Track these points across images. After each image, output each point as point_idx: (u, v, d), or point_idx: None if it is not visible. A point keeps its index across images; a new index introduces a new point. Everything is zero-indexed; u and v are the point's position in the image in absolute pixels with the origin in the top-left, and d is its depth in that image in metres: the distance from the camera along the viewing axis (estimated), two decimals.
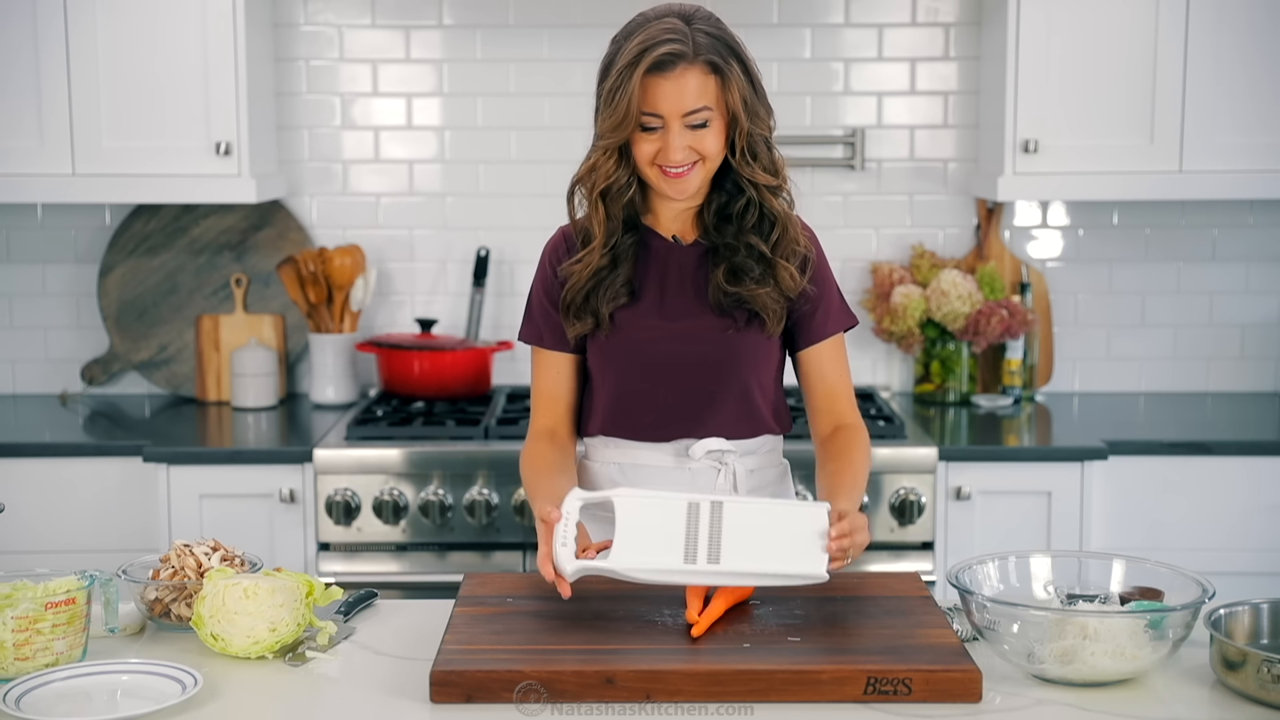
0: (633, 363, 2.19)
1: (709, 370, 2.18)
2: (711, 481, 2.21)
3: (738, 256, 2.14)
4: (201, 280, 3.81)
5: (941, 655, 1.80)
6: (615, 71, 2.05)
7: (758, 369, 2.21)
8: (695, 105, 2.04)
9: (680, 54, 2.03)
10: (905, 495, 3.19)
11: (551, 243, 2.27)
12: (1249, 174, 3.45)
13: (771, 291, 2.15)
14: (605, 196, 2.14)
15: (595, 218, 2.14)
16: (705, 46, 2.04)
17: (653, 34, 2.04)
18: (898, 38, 3.78)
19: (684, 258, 2.19)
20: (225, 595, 1.90)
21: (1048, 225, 3.85)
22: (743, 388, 2.20)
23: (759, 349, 2.20)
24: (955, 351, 3.72)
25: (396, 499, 3.18)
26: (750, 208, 2.14)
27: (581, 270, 2.15)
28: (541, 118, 3.79)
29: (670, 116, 2.04)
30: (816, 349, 2.24)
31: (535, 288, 2.27)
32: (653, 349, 2.18)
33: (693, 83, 2.03)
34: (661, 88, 2.03)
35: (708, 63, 2.04)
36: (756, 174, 2.11)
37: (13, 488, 3.22)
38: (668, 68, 2.03)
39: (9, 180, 3.43)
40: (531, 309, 2.28)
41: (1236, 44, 3.41)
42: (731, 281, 2.15)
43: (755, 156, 2.11)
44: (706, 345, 2.18)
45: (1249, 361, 3.87)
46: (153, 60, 3.41)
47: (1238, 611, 1.90)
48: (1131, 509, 3.29)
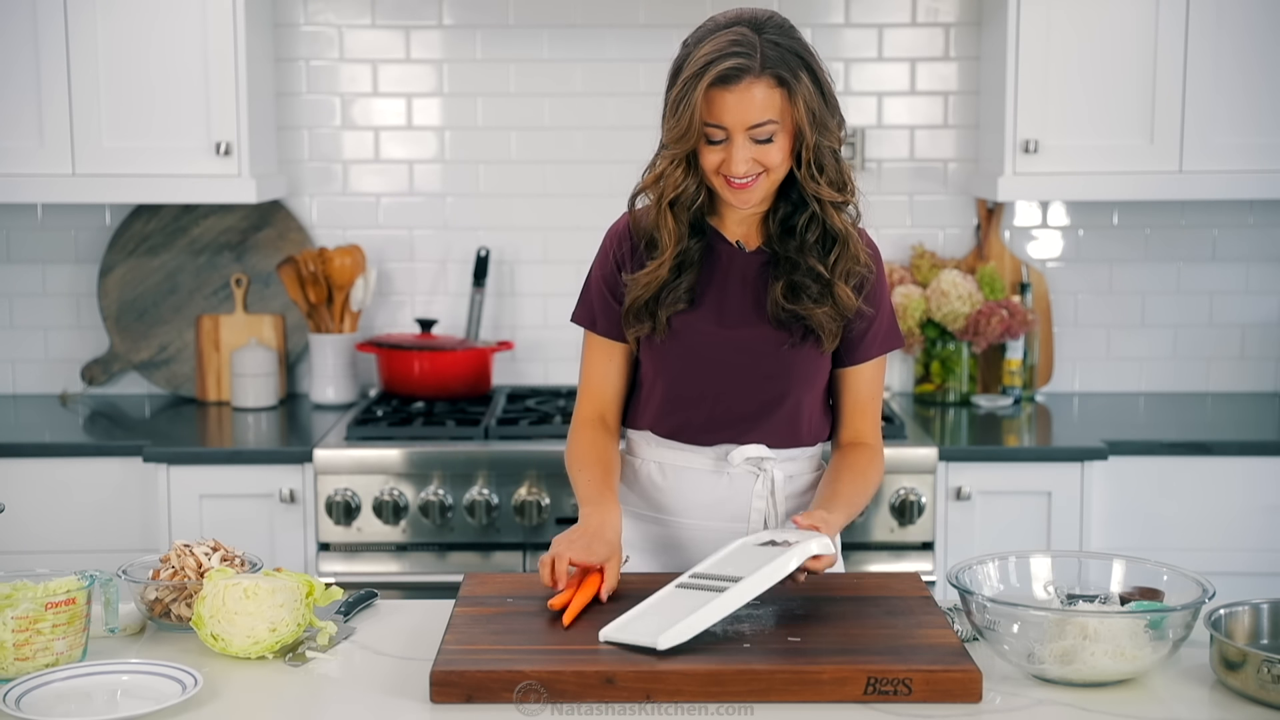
0: (687, 368, 2.17)
1: (762, 383, 2.17)
2: (748, 486, 2.20)
3: (797, 273, 2.12)
4: (201, 280, 3.81)
5: (941, 655, 1.80)
6: (681, 81, 2.02)
7: (809, 384, 2.20)
8: (760, 119, 2.01)
9: (746, 68, 1.99)
10: (905, 495, 3.19)
11: (616, 229, 2.23)
12: (1249, 174, 3.45)
13: (829, 311, 2.13)
14: (674, 205, 2.10)
15: (665, 227, 2.11)
16: (773, 59, 2.00)
17: (720, 45, 2.00)
18: (898, 38, 3.78)
19: (746, 265, 2.17)
20: (225, 595, 1.90)
21: (1048, 225, 3.85)
22: (793, 401, 2.19)
23: (812, 365, 2.19)
24: (955, 351, 3.72)
25: (396, 499, 3.18)
26: (813, 223, 2.11)
27: (651, 281, 2.13)
28: (541, 118, 3.79)
29: (734, 129, 2.01)
30: (859, 368, 2.23)
31: (594, 272, 2.24)
32: (708, 356, 2.16)
33: (758, 96, 2.00)
34: (725, 101, 2.00)
35: (774, 76, 2.00)
36: (821, 189, 2.07)
37: (13, 488, 3.22)
38: (733, 81, 1.99)
39: (9, 180, 3.43)
40: (589, 292, 2.24)
41: (1236, 45, 3.41)
42: (789, 299, 2.13)
43: (821, 170, 2.07)
44: (762, 358, 2.16)
45: (1249, 362, 3.87)
46: (153, 60, 3.41)
47: (1238, 612, 1.90)
48: (1131, 509, 3.29)
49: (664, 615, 1.86)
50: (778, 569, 1.91)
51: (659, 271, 2.12)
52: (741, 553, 2.00)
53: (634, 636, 1.83)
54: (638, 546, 2.24)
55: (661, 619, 1.85)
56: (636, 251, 2.18)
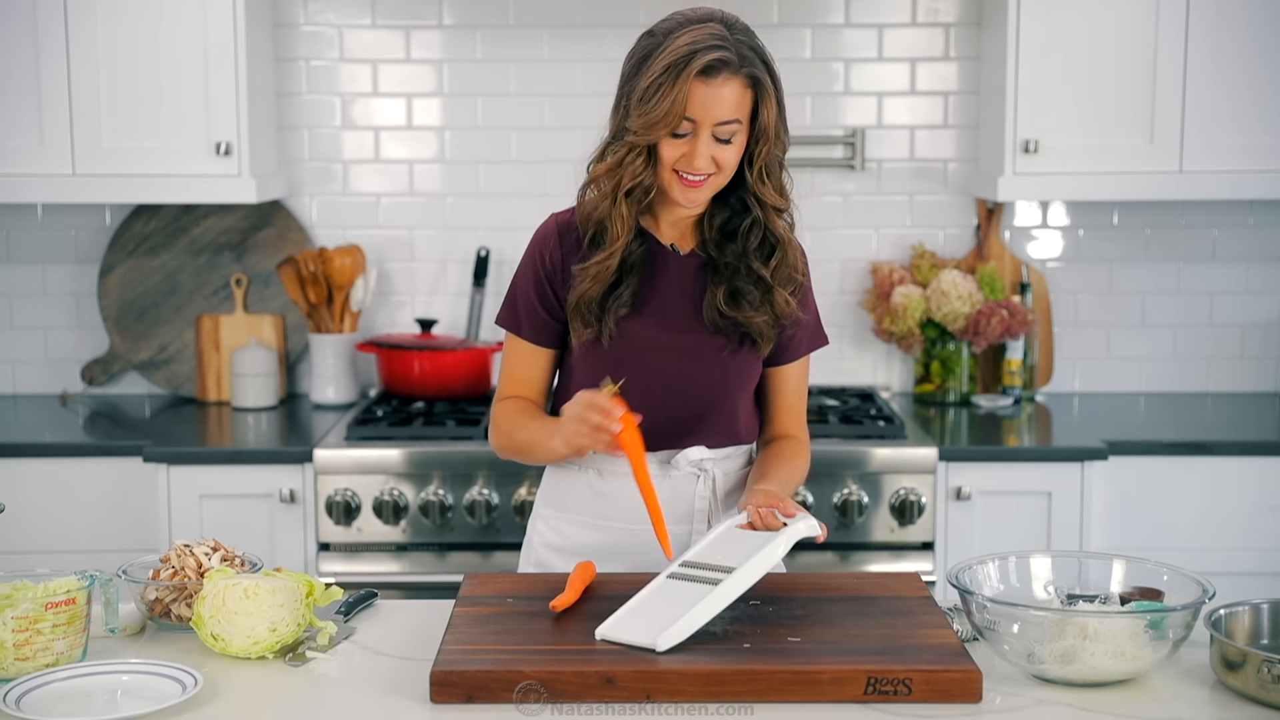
0: (628, 374, 2.15)
1: (701, 389, 2.18)
2: (691, 488, 2.21)
3: (738, 279, 2.13)
4: (202, 280, 3.81)
5: (941, 655, 1.80)
6: (659, 69, 2.01)
7: (745, 386, 2.22)
8: (729, 116, 2.02)
9: (727, 61, 2.00)
10: (905, 495, 3.19)
11: (542, 231, 2.23)
12: (1249, 174, 3.45)
13: (768, 318, 2.14)
14: (629, 196, 2.10)
15: (619, 216, 2.10)
16: (748, 59, 2.02)
17: (700, 37, 2.01)
18: (898, 38, 3.78)
19: (681, 269, 2.17)
20: (225, 595, 1.90)
21: (1048, 225, 3.85)
22: (730, 405, 2.20)
23: (748, 369, 2.20)
24: (955, 352, 3.72)
25: (396, 499, 3.18)
26: (755, 228, 2.12)
27: (600, 272, 2.11)
28: (541, 118, 3.79)
29: (703, 124, 2.02)
30: (787, 367, 2.25)
31: (522, 275, 2.23)
32: (650, 362, 2.16)
33: (731, 93, 2.01)
34: (702, 94, 2.00)
35: (749, 76, 2.02)
36: (767, 194, 2.09)
37: (13, 488, 3.22)
38: (712, 74, 2.00)
39: (9, 180, 3.43)
40: (515, 296, 2.24)
41: (1236, 44, 3.41)
42: (730, 305, 2.13)
43: (769, 176, 2.09)
44: (701, 364, 2.17)
45: (1249, 362, 3.87)
46: (153, 60, 3.41)
47: (1238, 612, 1.90)
48: (1131, 509, 3.29)
49: (659, 611, 1.86)
50: (768, 556, 1.91)
51: (609, 261, 2.11)
52: (729, 538, 2.00)
53: (632, 636, 1.83)
54: (587, 554, 2.21)
55: (657, 616, 1.84)
56: (578, 247, 2.16)
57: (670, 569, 1.97)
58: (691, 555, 1.99)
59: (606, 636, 1.84)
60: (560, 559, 2.25)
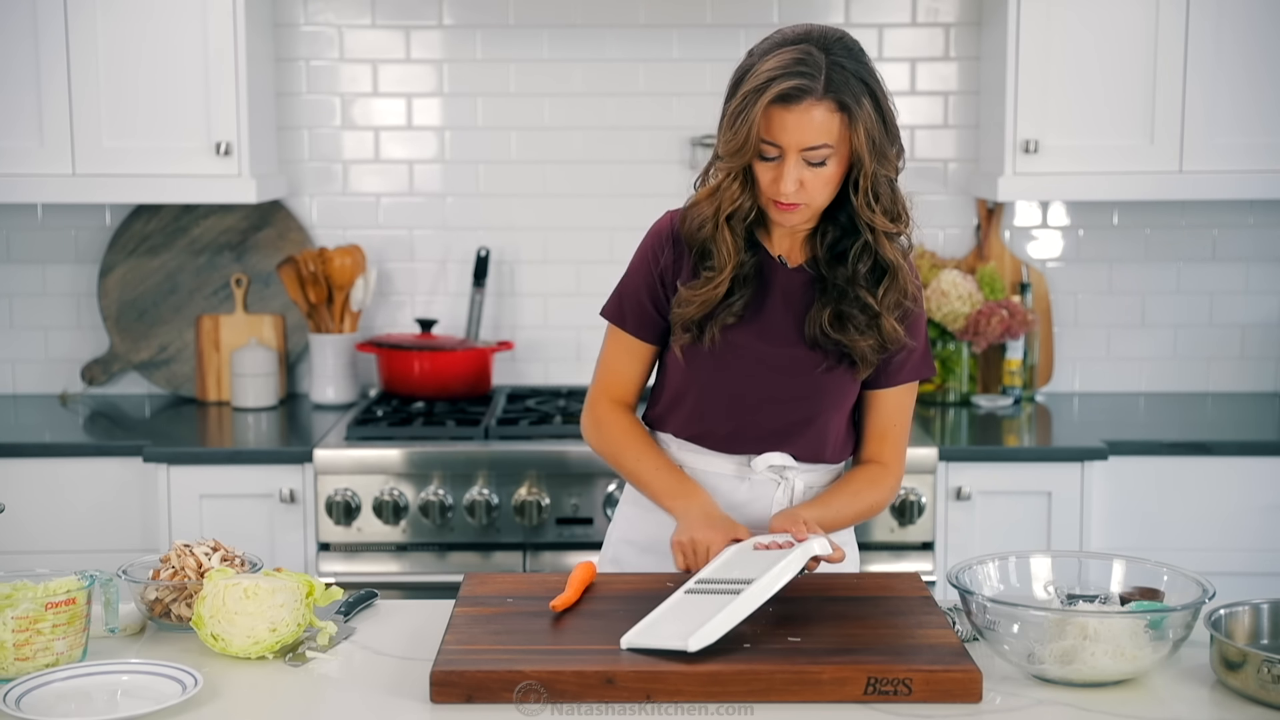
0: (723, 380, 2.15)
1: (795, 402, 2.16)
2: (770, 493, 2.19)
3: (844, 302, 2.09)
4: (202, 280, 3.81)
5: (941, 655, 1.80)
6: (741, 94, 1.98)
7: (839, 406, 2.19)
8: (815, 142, 1.97)
9: (808, 89, 1.95)
10: (905, 495, 3.19)
11: (657, 229, 2.19)
12: (1249, 174, 3.45)
13: (873, 343, 2.11)
14: (730, 220, 2.07)
15: (724, 243, 2.07)
16: (837, 83, 1.96)
17: (784, 61, 1.96)
18: (898, 38, 3.78)
19: (788, 282, 2.14)
20: (225, 595, 1.90)
21: (1048, 225, 3.85)
22: (821, 422, 2.18)
23: (845, 388, 2.17)
24: (955, 351, 3.72)
25: (397, 499, 3.18)
26: (865, 253, 2.07)
27: (708, 299, 2.09)
28: (541, 118, 3.79)
29: (789, 149, 1.98)
30: (887, 392, 2.21)
31: (634, 271, 2.20)
32: (746, 371, 2.14)
33: (817, 119, 1.96)
34: (784, 120, 1.96)
35: (836, 100, 1.96)
36: (876, 218, 2.04)
37: (13, 488, 3.22)
38: (792, 101, 1.95)
39: (9, 180, 3.43)
40: (624, 291, 2.21)
41: (1236, 44, 3.41)
42: (835, 328, 2.10)
43: (877, 198, 2.03)
44: (798, 378, 2.14)
45: (1249, 362, 3.87)
46: (153, 60, 3.41)
47: (1238, 612, 1.90)
48: (1131, 509, 3.29)
49: (684, 620, 1.85)
50: (786, 569, 1.91)
51: (716, 291, 2.08)
52: (740, 558, 2.00)
53: (661, 641, 1.81)
54: (656, 546, 2.22)
55: (683, 623, 1.84)
56: (686, 258, 2.13)
57: (686, 586, 1.96)
58: (706, 573, 1.98)
59: (633, 644, 1.83)
60: (634, 553, 2.25)
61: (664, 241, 2.17)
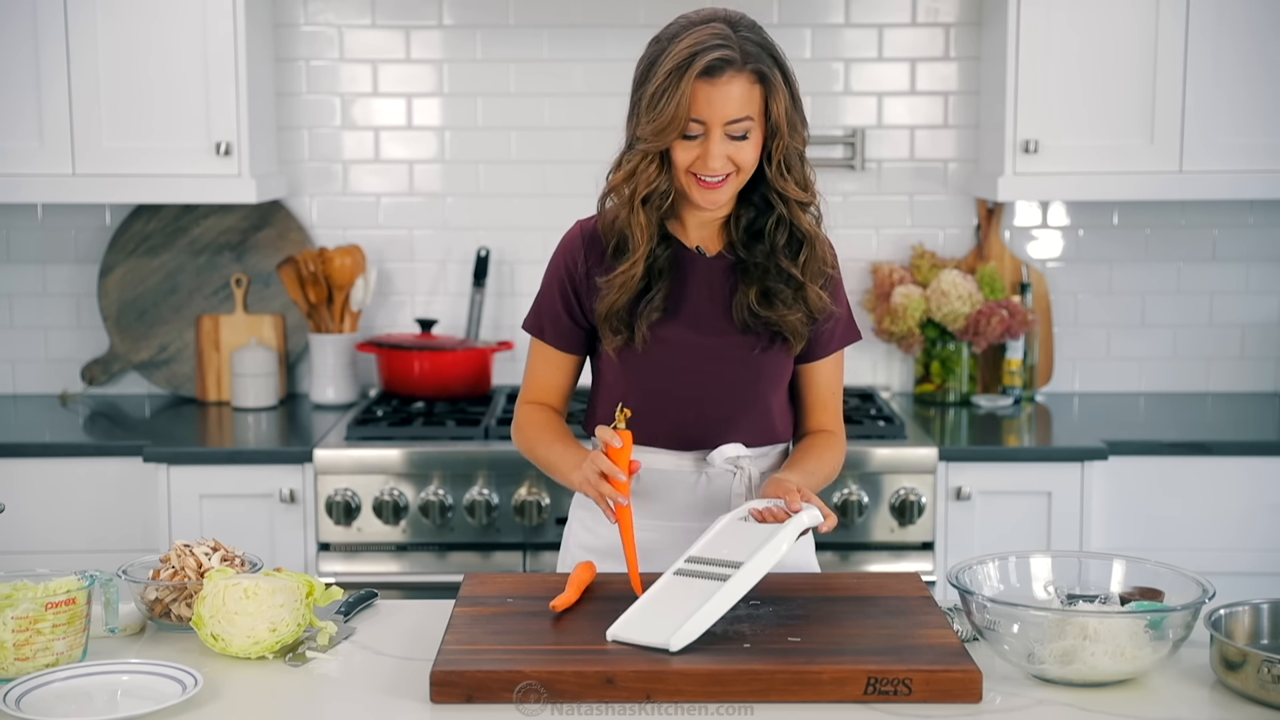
0: (663, 377, 2.16)
1: (734, 388, 2.17)
2: (727, 485, 2.20)
3: (768, 279, 2.12)
4: (202, 280, 3.81)
5: (942, 655, 1.80)
6: (662, 74, 2.01)
7: (778, 383, 2.21)
8: (739, 114, 2.01)
9: (730, 60, 1.99)
10: (905, 495, 3.19)
11: (568, 239, 2.22)
12: (1249, 174, 3.45)
13: (801, 315, 2.13)
14: (646, 203, 2.09)
15: (637, 224, 2.09)
16: (753, 55, 2.01)
17: (701, 38, 2.00)
18: (898, 38, 3.78)
19: (709, 271, 2.16)
20: (225, 595, 1.90)
21: (1048, 225, 3.85)
22: (764, 403, 2.20)
23: (780, 366, 2.20)
24: (955, 352, 3.72)
25: (397, 499, 3.18)
26: (781, 225, 2.11)
27: (625, 282, 2.11)
28: (541, 118, 3.79)
29: (713, 124, 2.01)
30: (820, 363, 2.24)
31: (548, 282, 2.22)
32: (684, 365, 2.15)
33: (738, 91, 2.00)
34: (707, 94, 2.00)
35: (755, 71, 2.01)
36: (789, 188, 2.07)
37: (13, 488, 3.22)
38: (716, 74, 1.99)
39: (9, 180, 3.43)
40: (541, 302, 2.24)
41: (1236, 44, 3.41)
42: (763, 305, 2.12)
43: (789, 170, 2.07)
44: (734, 363, 2.16)
45: (1249, 362, 3.87)
46: (153, 60, 3.41)
47: (1238, 612, 1.90)
48: (1131, 509, 3.29)
49: (669, 610, 1.85)
50: (773, 551, 1.91)
51: (633, 270, 2.10)
52: (731, 531, 2.00)
53: (644, 636, 1.82)
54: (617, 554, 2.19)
55: (667, 615, 1.84)
56: (604, 257, 2.15)
57: (676, 565, 1.97)
58: (697, 550, 1.98)
59: (617, 637, 1.84)
60: (597, 559, 2.25)
61: (576, 250, 2.19)
